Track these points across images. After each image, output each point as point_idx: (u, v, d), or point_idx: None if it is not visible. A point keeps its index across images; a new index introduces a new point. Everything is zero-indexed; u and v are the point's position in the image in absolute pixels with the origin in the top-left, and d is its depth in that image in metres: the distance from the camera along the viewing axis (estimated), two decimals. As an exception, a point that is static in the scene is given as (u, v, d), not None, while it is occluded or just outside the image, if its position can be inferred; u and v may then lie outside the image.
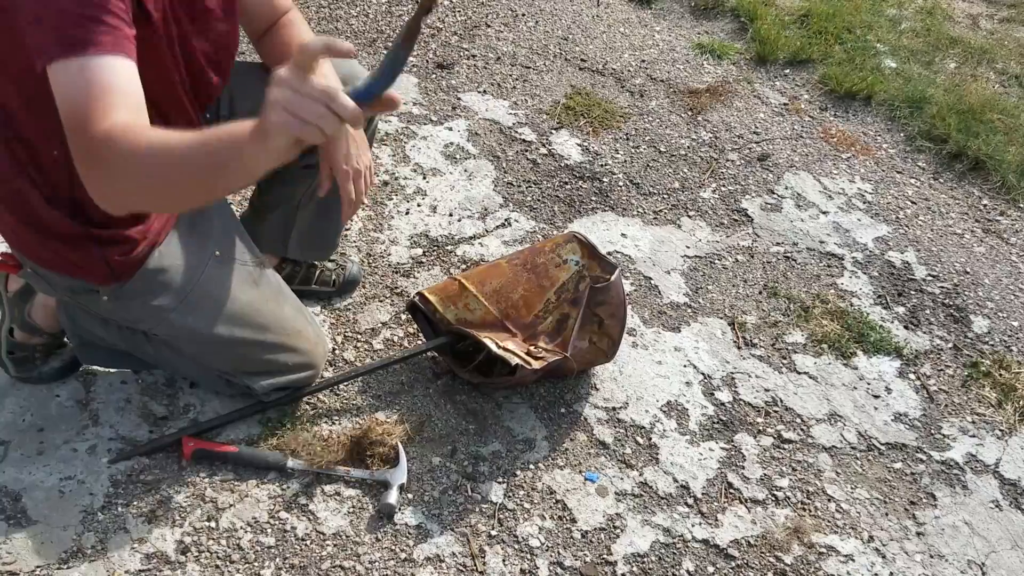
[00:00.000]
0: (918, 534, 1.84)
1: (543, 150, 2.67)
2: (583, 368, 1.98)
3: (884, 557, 1.79)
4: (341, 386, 1.89)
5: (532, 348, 1.86)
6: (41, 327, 1.76)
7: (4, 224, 1.48)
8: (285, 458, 1.72)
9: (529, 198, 2.50)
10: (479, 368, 1.88)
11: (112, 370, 1.84)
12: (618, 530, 1.74)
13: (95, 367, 1.83)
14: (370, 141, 1.81)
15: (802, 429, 2.01)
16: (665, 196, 2.59)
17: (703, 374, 2.09)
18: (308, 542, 1.63)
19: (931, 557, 1.81)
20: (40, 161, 1.33)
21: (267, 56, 1.64)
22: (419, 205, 2.40)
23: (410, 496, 1.73)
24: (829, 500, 1.87)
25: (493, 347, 1.81)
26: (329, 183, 1.66)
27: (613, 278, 1.89)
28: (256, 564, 1.59)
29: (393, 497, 1.68)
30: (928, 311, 2.37)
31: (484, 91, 2.85)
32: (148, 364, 1.80)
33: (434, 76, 2.89)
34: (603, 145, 2.73)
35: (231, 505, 1.66)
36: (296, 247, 1.96)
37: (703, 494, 1.84)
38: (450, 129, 2.67)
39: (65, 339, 1.80)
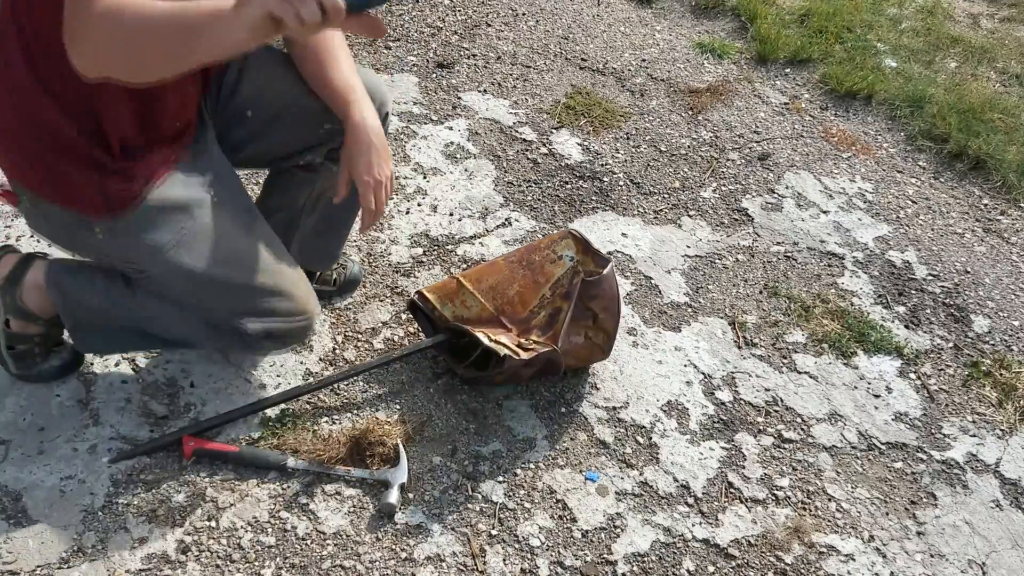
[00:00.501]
0: (918, 534, 1.84)
1: (543, 149, 2.67)
2: (581, 365, 1.99)
3: (884, 557, 1.79)
4: (341, 385, 1.89)
5: (523, 341, 1.87)
6: (35, 312, 1.74)
7: (10, 145, 1.51)
8: (285, 457, 1.72)
9: (529, 198, 2.49)
10: (476, 364, 1.89)
11: (112, 369, 1.84)
12: (618, 530, 1.74)
13: (94, 368, 1.83)
14: None
15: (802, 429, 2.01)
16: (665, 196, 2.59)
17: (703, 374, 2.09)
18: (309, 542, 1.64)
19: (931, 557, 1.80)
20: (62, 70, 1.34)
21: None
22: (419, 205, 2.40)
23: (410, 496, 1.73)
24: (829, 500, 1.87)
25: (485, 340, 1.82)
26: (347, 191, 1.66)
27: (605, 271, 1.89)
28: (256, 564, 1.59)
29: (394, 497, 1.68)
30: (928, 311, 2.37)
31: (484, 90, 2.85)
32: (142, 345, 1.80)
33: (434, 75, 2.89)
34: (603, 144, 2.73)
35: (231, 505, 1.67)
36: (297, 255, 1.95)
37: (703, 494, 1.84)
38: (450, 128, 2.67)
39: (63, 333, 1.80)
